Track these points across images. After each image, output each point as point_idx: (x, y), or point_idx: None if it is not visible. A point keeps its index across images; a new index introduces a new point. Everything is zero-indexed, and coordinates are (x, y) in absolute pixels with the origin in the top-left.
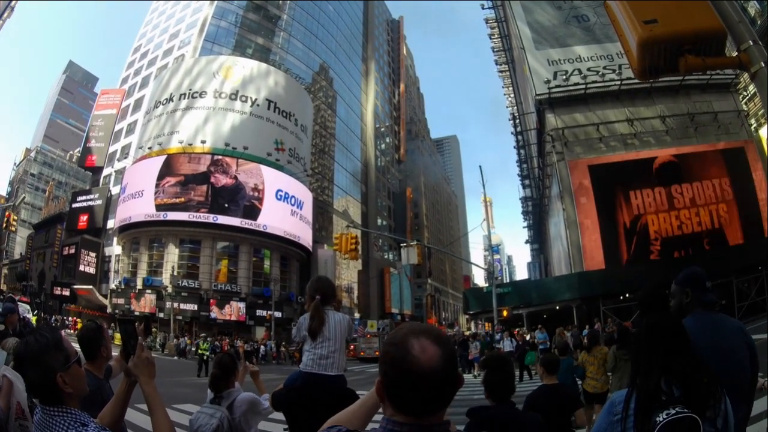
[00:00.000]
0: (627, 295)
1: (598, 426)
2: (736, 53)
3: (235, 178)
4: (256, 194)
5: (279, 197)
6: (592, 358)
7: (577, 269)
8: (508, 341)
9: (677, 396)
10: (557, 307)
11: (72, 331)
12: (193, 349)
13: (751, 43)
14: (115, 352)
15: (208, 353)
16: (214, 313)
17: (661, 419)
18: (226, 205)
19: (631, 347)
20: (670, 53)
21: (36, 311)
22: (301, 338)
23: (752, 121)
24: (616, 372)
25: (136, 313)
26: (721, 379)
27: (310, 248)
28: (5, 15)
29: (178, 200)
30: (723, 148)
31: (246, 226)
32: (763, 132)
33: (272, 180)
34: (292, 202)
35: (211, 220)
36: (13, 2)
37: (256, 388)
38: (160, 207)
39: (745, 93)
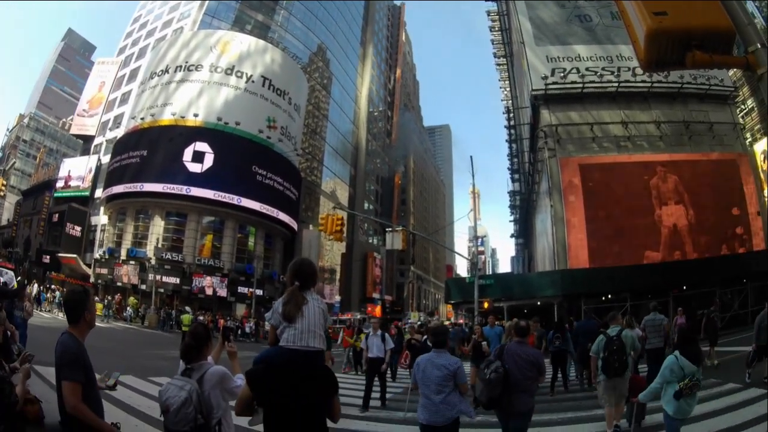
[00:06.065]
0: (609, 296)
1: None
2: (744, 54)
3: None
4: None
5: (266, 175)
6: None
7: (561, 266)
8: None
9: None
10: (539, 303)
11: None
12: (172, 322)
13: (759, 45)
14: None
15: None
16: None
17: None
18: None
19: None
20: (678, 47)
21: (20, 278)
22: (275, 322)
23: (747, 135)
24: None
25: (118, 284)
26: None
27: (296, 228)
28: None
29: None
30: (716, 159)
31: (231, 201)
32: (758, 147)
33: (261, 157)
34: (280, 180)
35: (187, 192)
36: None
37: (231, 367)
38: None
39: (743, 107)
